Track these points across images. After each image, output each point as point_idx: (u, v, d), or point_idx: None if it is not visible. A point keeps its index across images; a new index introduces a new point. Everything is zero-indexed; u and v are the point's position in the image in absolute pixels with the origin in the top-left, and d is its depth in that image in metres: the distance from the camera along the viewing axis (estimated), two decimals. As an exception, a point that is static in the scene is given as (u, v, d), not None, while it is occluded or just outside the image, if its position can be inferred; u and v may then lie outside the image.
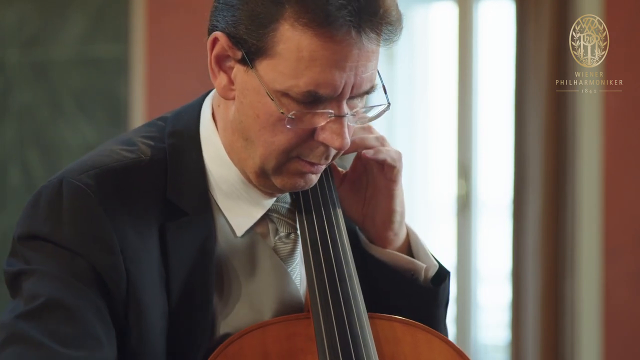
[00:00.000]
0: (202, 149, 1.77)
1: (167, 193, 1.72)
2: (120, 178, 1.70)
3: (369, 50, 1.64)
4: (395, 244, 1.84)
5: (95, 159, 1.72)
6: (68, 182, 1.67)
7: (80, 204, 1.66)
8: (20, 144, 5.46)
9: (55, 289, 1.61)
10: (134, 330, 1.66)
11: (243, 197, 1.76)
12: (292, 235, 1.80)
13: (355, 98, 1.67)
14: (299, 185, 1.72)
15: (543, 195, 4.27)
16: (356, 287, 1.73)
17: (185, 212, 1.72)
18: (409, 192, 4.97)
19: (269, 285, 1.77)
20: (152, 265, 1.69)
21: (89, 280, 1.63)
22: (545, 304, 4.28)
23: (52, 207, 1.66)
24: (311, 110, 1.64)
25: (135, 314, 1.66)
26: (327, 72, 1.61)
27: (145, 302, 1.67)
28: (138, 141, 1.76)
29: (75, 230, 1.64)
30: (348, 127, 1.67)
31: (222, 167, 1.76)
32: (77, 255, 1.63)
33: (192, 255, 1.70)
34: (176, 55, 5.12)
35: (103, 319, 1.63)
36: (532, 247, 4.32)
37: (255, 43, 1.63)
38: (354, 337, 1.69)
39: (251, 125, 1.68)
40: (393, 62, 4.98)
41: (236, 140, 1.72)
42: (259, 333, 1.69)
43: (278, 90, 1.63)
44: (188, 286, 1.70)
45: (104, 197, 1.67)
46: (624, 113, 4.21)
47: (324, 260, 1.74)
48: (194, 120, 1.79)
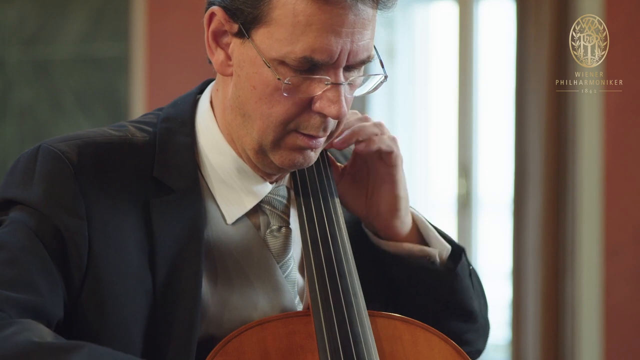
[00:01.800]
0: (198, 134, 1.77)
1: (154, 171, 1.73)
2: (100, 151, 1.71)
3: (365, 18, 1.64)
4: (403, 232, 1.85)
5: (80, 133, 1.75)
6: (45, 147, 1.70)
7: (52, 167, 1.68)
8: (20, 142, 5.46)
9: (12, 236, 1.63)
10: (93, 300, 1.66)
11: (237, 185, 1.77)
12: (283, 229, 1.80)
13: (352, 70, 1.68)
14: (297, 161, 1.71)
15: (543, 195, 4.27)
16: (356, 283, 1.73)
17: (173, 190, 1.72)
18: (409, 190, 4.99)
19: (257, 276, 1.77)
20: (129, 242, 1.69)
21: (49, 240, 1.64)
22: (546, 302, 4.28)
23: (26, 171, 1.69)
24: (308, 77, 1.65)
25: (96, 283, 1.66)
26: (323, 37, 1.62)
27: (113, 276, 1.67)
28: (128, 125, 1.79)
29: (44, 192, 1.66)
30: (345, 98, 1.67)
31: (218, 154, 1.76)
32: (42, 215, 1.65)
33: (180, 234, 1.71)
34: (176, 54, 5.12)
35: (49, 276, 1.63)
36: (532, 246, 4.32)
37: (252, 12, 1.64)
38: (355, 335, 1.68)
39: (248, 98, 1.68)
40: (393, 61, 4.98)
41: (234, 118, 1.72)
42: (258, 330, 1.69)
43: (275, 58, 1.64)
44: (176, 264, 1.70)
45: (79, 164, 1.68)
46: (624, 113, 4.21)
47: (324, 257, 1.74)
48: (189, 106, 1.80)
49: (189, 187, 1.73)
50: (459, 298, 1.85)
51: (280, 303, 1.78)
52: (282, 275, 1.79)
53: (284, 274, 1.80)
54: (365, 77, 1.71)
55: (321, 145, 1.73)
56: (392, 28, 5.00)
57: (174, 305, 1.69)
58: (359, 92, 1.72)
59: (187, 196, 1.73)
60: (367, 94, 1.76)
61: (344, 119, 1.73)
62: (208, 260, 1.74)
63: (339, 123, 1.73)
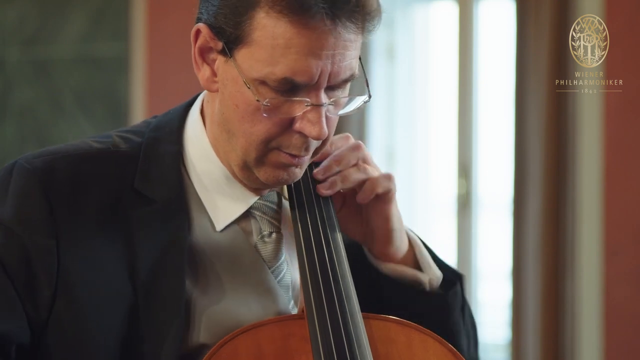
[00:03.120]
0: (187, 142, 1.77)
1: (134, 183, 1.73)
2: (76, 165, 1.72)
3: (346, 39, 1.63)
4: (397, 256, 1.83)
5: (59, 147, 1.76)
6: (19, 164, 1.71)
7: (23, 184, 1.69)
8: (20, 143, 5.46)
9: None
10: (66, 314, 1.66)
11: (226, 192, 1.76)
12: (274, 234, 1.79)
13: (335, 89, 1.67)
14: (282, 178, 1.71)
15: (543, 194, 4.27)
16: (350, 286, 1.73)
17: (154, 201, 1.72)
18: (409, 192, 5.00)
19: (248, 282, 1.76)
20: (106, 255, 1.68)
21: (14, 258, 1.65)
22: (546, 302, 4.28)
23: (2, 186, 1.70)
24: (288, 99, 1.64)
25: (67, 303, 1.66)
26: (303, 60, 1.61)
27: (85, 293, 1.67)
28: (114, 135, 1.78)
29: (14, 209, 1.67)
30: (327, 118, 1.66)
31: (207, 162, 1.76)
32: (10, 232, 1.66)
33: (162, 245, 1.70)
34: (176, 54, 5.12)
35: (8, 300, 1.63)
36: (532, 245, 4.32)
37: (233, 32, 1.64)
38: (349, 337, 1.68)
39: (232, 116, 1.68)
40: (393, 62, 4.98)
41: (220, 134, 1.72)
42: (253, 333, 1.68)
43: (255, 79, 1.64)
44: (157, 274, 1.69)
45: (50, 181, 1.69)
46: (624, 113, 4.21)
47: (318, 260, 1.73)
48: (179, 116, 1.80)
49: (172, 196, 1.73)
50: (446, 330, 1.82)
51: (274, 308, 1.77)
52: (274, 281, 1.78)
53: (276, 279, 1.79)
54: (349, 98, 1.70)
55: (306, 162, 1.73)
56: (392, 28, 5.00)
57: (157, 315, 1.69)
58: (343, 111, 1.71)
59: (170, 206, 1.73)
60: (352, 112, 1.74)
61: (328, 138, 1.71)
62: (197, 268, 1.73)
63: (323, 142, 1.72)
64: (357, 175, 1.78)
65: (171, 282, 1.70)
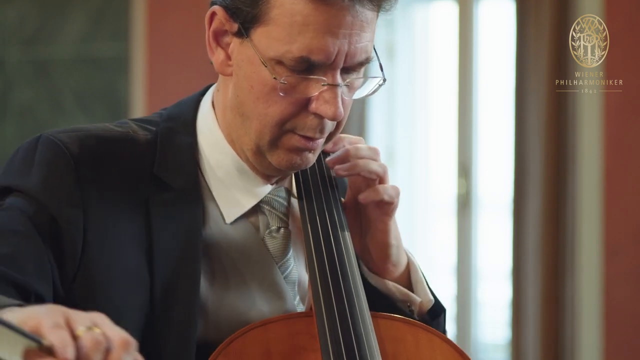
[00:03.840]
0: (199, 134, 1.77)
1: (154, 168, 1.73)
2: (101, 144, 1.71)
3: (363, 19, 1.64)
4: (394, 274, 1.83)
5: (82, 126, 1.75)
6: (45, 137, 1.70)
7: (51, 156, 1.67)
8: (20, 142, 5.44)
9: (8, 220, 1.63)
10: (85, 288, 1.65)
11: (237, 184, 1.77)
12: (282, 230, 1.79)
13: (350, 71, 1.68)
14: (295, 162, 1.71)
15: (543, 194, 4.28)
16: (359, 284, 1.73)
17: (172, 188, 1.72)
18: (409, 192, 5.00)
19: (255, 277, 1.76)
20: (126, 236, 1.68)
21: (44, 228, 1.63)
22: (546, 302, 4.29)
23: (25, 158, 1.68)
24: (304, 77, 1.64)
25: (88, 273, 1.66)
26: (320, 38, 1.62)
27: (106, 269, 1.66)
28: (131, 122, 1.78)
29: (42, 180, 1.66)
30: (342, 100, 1.67)
31: (219, 153, 1.76)
32: (40, 203, 1.64)
33: (179, 233, 1.70)
34: (176, 54, 5.12)
35: (40, 261, 1.62)
36: (532, 245, 4.32)
37: (250, 11, 1.64)
38: (357, 335, 1.68)
39: (246, 98, 1.68)
40: (393, 61, 4.98)
41: (233, 118, 1.73)
42: (261, 331, 1.68)
43: (272, 58, 1.64)
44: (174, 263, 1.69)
45: (78, 156, 1.68)
46: (624, 113, 4.21)
47: (327, 258, 1.73)
48: (191, 107, 1.80)
49: (188, 186, 1.73)
50: None
51: (279, 304, 1.78)
52: (280, 276, 1.79)
53: (282, 275, 1.79)
54: (364, 80, 1.71)
55: (319, 147, 1.73)
56: (392, 28, 5.00)
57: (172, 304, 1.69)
58: (357, 94, 1.72)
59: (186, 195, 1.73)
60: (366, 96, 1.74)
61: (343, 120, 1.72)
62: (206, 260, 1.73)
63: (337, 126, 1.72)
64: (374, 167, 1.78)
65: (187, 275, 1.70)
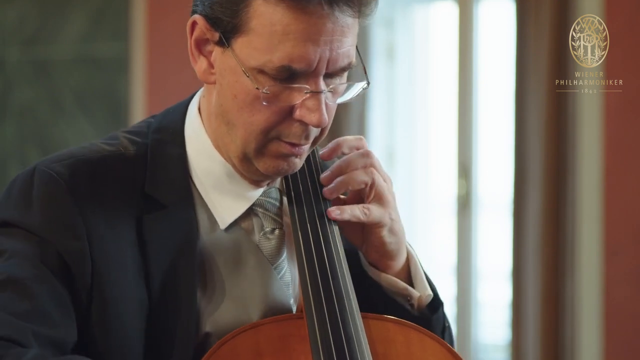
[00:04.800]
0: (187, 142, 1.77)
1: (145, 187, 1.73)
2: (94, 168, 1.71)
3: (344, 25, 1.63)
4: (394, 268, 1.81)
5: (74, 150, 1.74)
6: (40, 169, 1.70)
7: (49, 190, 1.68)
8: (20, 143, 5.46)
9: (19, 268, 1.63)
10: (99, 320, 1.67)
11: (227, 189, 1.76)
12: (276, 231, 1.79)
13: (333, 76, 1.67)
14: (282, 168, 1.71)
15: (543, 195, 4.27)
16: (349, 285, 1.72)
17: (164, 205, 1.72)
18: (409, 192, 5.00)
19: (253, 282, 1.76)
20: (125, 257, 1.69)
21: (54, 266, 1.64)
22: (546, 302, 4.28)
23: (23, 194, 1.69)
24: (287, 86, 1.64)
25: (101, 303, 1.66)
26: (301, 46, 1.61)
27: (114, 293, 1.67)
28: (121, 136, 1.78)
29: (43, 216, 1.66)
30: (326, 106, 1.66)
31: (207, 160, 1.76)
32: (44, 240, 1.65)
33: (173, 249, 1.70)
34: (176, 54, 5.12)
35: (62, 302, 1.63)
36: (532, 246, 4.32)
37: (230, 21, 1.64)
38: (348, 337, 1.67)
39: (230, 107, 1.68)
40: (393, 62, 4.98)
41: (218, 126, 1.72)
42: (251, 333, 1.68)
43: (254, 67, 1.63)
44: (169, 280, 1.70)
45: (74, 185, 1.68)
46: (624, 113, 4.21)
47: (317, 259, 1.73)
48: (179, 116, 1.79)
49: (180, 199, 1.73)
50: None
51: (277, 305, 1.77)
52: (277, 278, 1.79)
53: (277, 276, 1.79)
54: (347, 85, 1.70)
55: (305, 152, 1.73)
56: (392, 28, 5.00)
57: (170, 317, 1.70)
58: (342, 99, 1.71)
59: (178, 209, 1.73)
60: (350, 100, 1.74)
61: (327, 127, 1.71)
62: (201, 269, 1.73)
63: (322, 130, 1.72)
64: (363, 177, 1.77)
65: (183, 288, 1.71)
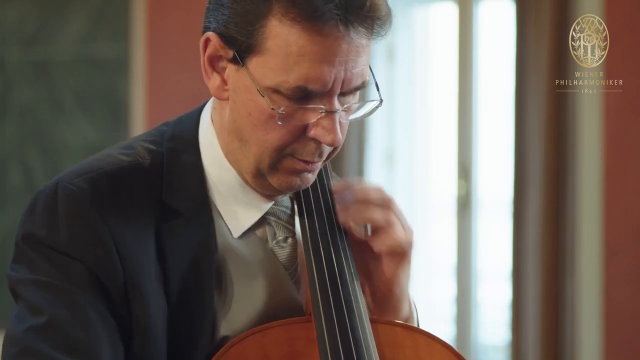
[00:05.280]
0: (201, 151, 1.77)
1: (162, 195, 1.73)
2: (115, 181, 1.71)
3: (358, 45, 1.63)
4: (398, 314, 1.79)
5: (92, 163, 1.74)
6: (63, 186, 1.69)
7: (75, 207, 1.68)
8: (20, 144, 5.46)
9: (57, 299, 1.63)
10: (138, 328, 1.67)
11: (240, 199, 1.76)
12: (289, 239, 1.79)
13: (347, 95, 1.67)
14: (295, 184, 1.71)
15: (543, 195, 4.27)
16: (357, 290, 1.72)
17: (181, 214, 1.72)
18: (409, 193, 5.00)
19: (267, 289, 1.76)
20: (149, 265, 1.69)
21: (87, 284, 1.64)
22: (546, 303, 4.28)
23: (48, 212, 1.68)
24: (302, 106, 1.64)
25: (139, 310, 1.67)
26: (317, 67, 1.61)
27: (146, 300, 1.68)
28: (137, 145, 1.78)
29: (71, 234, 1.66)
30: (340, 124, 1.66)
31: (220, 169, 1.76)
32: (73, 259, 1.65)
33: (191, 257, 1.70)
34: (176, 54, 5.12)
35: (105, 319, 1.64)
36: (532, 246, 4.32)
37: (245, 40, 1.63)
38: (356, 341, 1.67)
39: (244, 125, 1.68)
40: (393, 62, 4.98)
41: (231, 142, 1.72)
42: (260, 337, 1.68)
43: (268, 87, 1.63)
44: (187, 288, 1.70)
45: (99, 200, 1.68)
46: (624, 113, 4.21)
47: (326, 264, 1.73)
48: (193, 124, 1.79)
49: (197, 207, 1.74)
50: None
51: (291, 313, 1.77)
52: (293, 285, 1.78)
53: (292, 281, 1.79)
54: (361, 104, 1.70)
55: (318, 168, 1.73)
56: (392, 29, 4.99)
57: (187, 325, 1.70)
58: (354, 116, 1.71)
59: (195, 217, 1.73)
60: (363, 117, 1.75)
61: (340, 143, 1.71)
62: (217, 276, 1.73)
63: (335, 147, 1.72)
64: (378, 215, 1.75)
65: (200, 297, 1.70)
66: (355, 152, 4.71)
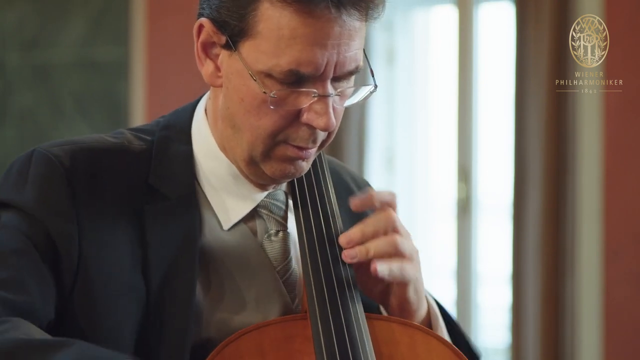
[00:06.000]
0: (193, 142, 1.77)
1: (148, 178, 1.72)
2: (94, 156, 1.71)
3: (351, 28, 1.62)
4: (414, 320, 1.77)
5: (76, 139, 1.75)
6: (38, 151, 1.70)
7: (45, 171, 1.68)
8: (20, 146, 5.46)
9: (5, 240, 1.64)
10: (83, 303, 1.66)
11: (232, 191, 1.76)
12: (280, 233, 1.78)
13: (341, 79, 1.66)
14: (289, 172, 1.70)
15: (543, 197, 4.27)
16: (353, 287, 1.71)
17: (167, 197, 1.72)
18: (409, 195, 5.00)
19: (255, 282, 1.75)
20: (122, 247, 1.68)
21: (40, 243, 1.64)
22: (546, 305, 4.28)
23: (20, 174, 1.69)
24: (294, 90, 1.63)
25: (86, 287, 1.66)
26: (308, 50, 1.61)
27: (103, 279, 1.66)
28: (126, 132, 1.78)
29: (36, 195, 1.66)
30: (334, 109, 1.65)
31: (213, 160, 1.76)
32: (34, 218, 1.65)
33: (175, 242, 1.70)
34: (176, 57, 5.13)
35: (40, 277, 1.63)
36: (532, 249, 4.32)
37: (237, 24, 1.63)
38: (352, 338, 1.67)
39: (237, 110, 1.67)
40: (393, 64, 4.99)
41: (225, 129, 1.72)
42: (255, 334, 1.67)
43: (261, 71, 1.63)
44: (169, 273, 1.69)
45: (71, 169, 1.68)
46: (624, 113, 4.21)
47: (321, 261, 1.72)
48: (187, 115, 1.80)
49: (184, 194, 1.73)
50: None
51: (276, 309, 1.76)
52: (279, 281, 1.77)
53: (282, 278, 1.78)
54: (355, 88, 1.69)
55: (312, 155, 1.72)
56: (392, 32, 5.01)
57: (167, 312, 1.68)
58: (349, 102, 1.71)
59: (182, 204, 1.72)
60: (357, 103, 1.74)
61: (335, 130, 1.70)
62: (202, 267, 1.72)
63: (330, 133, 1.71)
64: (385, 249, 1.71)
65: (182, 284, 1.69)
66: (356, 155, 4.71)
